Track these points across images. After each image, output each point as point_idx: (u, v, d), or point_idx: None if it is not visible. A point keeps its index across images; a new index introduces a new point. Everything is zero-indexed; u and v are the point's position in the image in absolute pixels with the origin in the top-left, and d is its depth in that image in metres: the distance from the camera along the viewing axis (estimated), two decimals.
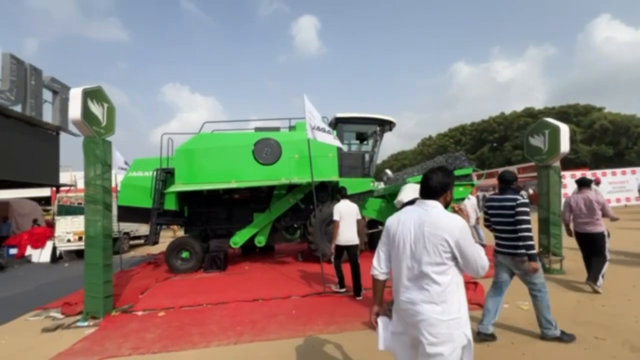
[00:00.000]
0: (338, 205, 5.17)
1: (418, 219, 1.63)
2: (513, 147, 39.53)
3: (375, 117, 8.13)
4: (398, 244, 1.67)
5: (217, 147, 7.41)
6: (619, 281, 4.93)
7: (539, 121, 5.72)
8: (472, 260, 1.54)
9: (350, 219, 5.08)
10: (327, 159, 7.66)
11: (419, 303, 1.55)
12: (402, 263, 1.65)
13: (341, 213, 5.04)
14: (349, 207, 5.15)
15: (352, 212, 5.14)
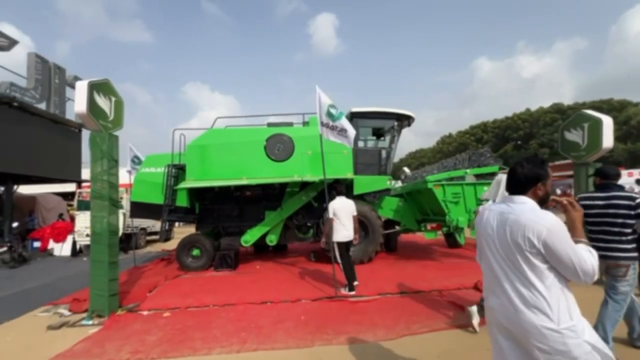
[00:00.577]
0: (333, 203, 5.11)
1: (500, 217, 1.51)
2: (539, 145, 37.71)
3: (393, 111, 7.71)
4: (482, 245, 1.61)
5: (228, 143, 7.24)
6: None
7: (576, 113, 5.15)
8: (567, 263, 1.34)
9: (346, 215, 5.04)
10: (342, 155, 7.32)
11: (519, 311, 1.40)
12: (491, 266, 1.55)
13: (335, 210, 5.00)
14: (344, 204, 5.11)
15: (348, 209, 5.12)
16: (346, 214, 5.07)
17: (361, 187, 7.42)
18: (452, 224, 6.55)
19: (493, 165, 6.82)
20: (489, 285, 1.60)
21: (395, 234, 8.35)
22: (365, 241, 7.17)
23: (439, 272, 6.06)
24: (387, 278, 5.82)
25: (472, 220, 6.62)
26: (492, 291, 1.55)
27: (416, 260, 7.28)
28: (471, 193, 6.64)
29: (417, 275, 5.91)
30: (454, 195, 6.60)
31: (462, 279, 5.45)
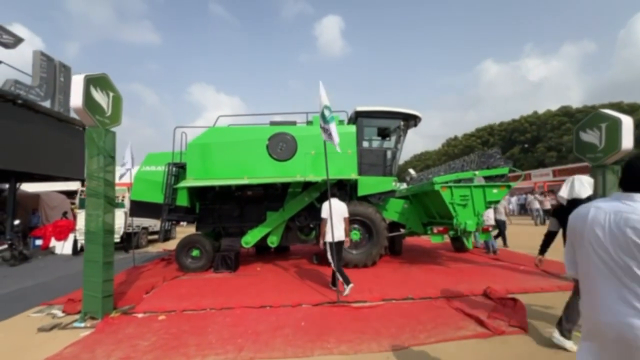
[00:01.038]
0: (325, 204, 5.17)
1: (616, 216, 1.29)
2: (547, 149, 37.16)
3: (399, 110, 7.50)
4: (587, 248, 1.37)
5: (229, 141, 7.08)
6: None
7: (593, 113, 4.90)
8: None
9: (338, 217, 5.13)
10: (346, 155, 7.12)
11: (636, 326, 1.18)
12: (596, 272, 1.33)
13: (327, 211, 5.08)
14: (336, 205, 5.19)
15: (340, 210, 5.23)
16: (338, 215, 5.14)
17: (365, 188, 7.22)
18: (459, 227, 6.31)
19: (503, 166, 6.58)
20: (594, 293, 1.36)
21: (400, 237, 8.12)
22: (369, 244, 6.97)
23: (446, 278, 5.82)
24: (392, 283, 5.60)
25: (481, 223, 6.38)
26: (599, 301, 1.33)
27: (422, 265, 7.04)
28: (480, 195, 6.40)
29: (423, 280, 5.68)
30: (462, 197, 6.36)
31: (471, 285, 5.21)
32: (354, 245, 6.99)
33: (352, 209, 6.88)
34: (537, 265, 3.74)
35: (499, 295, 4.59)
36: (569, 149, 33.45)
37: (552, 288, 5.00)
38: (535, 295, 4.82)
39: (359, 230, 7.02)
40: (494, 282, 5.35)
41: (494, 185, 6.39)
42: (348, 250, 6.87)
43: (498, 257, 7.31)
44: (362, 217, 6.92)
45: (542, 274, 5.90)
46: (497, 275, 5.85)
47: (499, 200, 6.46)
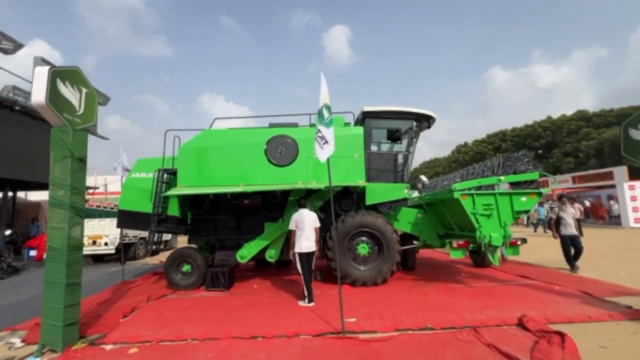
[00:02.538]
0: (294, 215, 5.29)
1: None
2: (563, 155, 35.74)
3: (411, 110, 6.79)
4: None
5: (224, 145, 6.46)
6: None
7: None
8: None
9: (308, 227, 5.18)
10: (352, 160, 6.43)
11: None
12: None
13: (297, 222, 5.17)
14: (305, 216, 5.23)
15: (311, 220, 5.25)
16: (308, 226, 5.18)
17: (374, 197, 6.48)
18: (483, 241, 5.50)
19: (532, 171, 5.78)
20: None
21: (413, 251, 7.31)
22: (379, 259, 6.20)
23: (470, 301, 5.00)
24: (406, 306, 4.80)
25: (508, 236, 5.56)
26: None
27: (439, 283, 6.22)
28: (506, 204, 5.59)
29: (442, 304, 4.87)
30: (486, 207, 5.57)
31: (501, 312, 4.39)
32: (361, 260, 6.23)
33: (359, 219, 6.16)
34: None
35: (539, 327, 3.76)
36: (587, 154, 32.08)
37: (601, 317, 4.13)
38: (582, 326, 3.97)
39: (367, 243, 6.26)
40: (528, 308, 4.52)
41: (522, 193, 5.58)
42: (355, 267, 6.12)
43: (527, 275, 6.43)
44: (371, 229, 6.17)
45: (582, 296, 5.03)
46: (530, 298, 5.00)
47: (528, 210, 5.63)
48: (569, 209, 7.00)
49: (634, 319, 4.09)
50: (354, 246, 6.27)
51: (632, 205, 17.22)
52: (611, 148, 28.18)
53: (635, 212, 17.01)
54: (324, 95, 4.28)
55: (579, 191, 23.86)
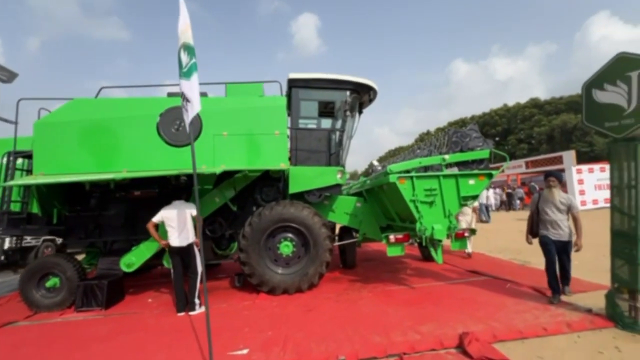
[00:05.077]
0: (163, 208, 4.52)
1: None
2: (518, 141, 37.09)
3: (346, 79, 5.61)
4: None
5: (100, 119, 4.90)
6: None
7: (616, 56, 3.19)
8: None
9: (179, 217, 4.44)
10: (272, 138, 5.16)
11: None
12: None
13: (164, 215, 4.45)
14: (178, 206, 4.54)
15: (182, 210, 4.48)
16: (179, 216, 4.44)
17: (300, 183, 5.28)
18: (424, 234, 4.50)
19: (482, 148, 4.85)
20: None
21: (352, 246, 6.26)
22: (305, 260, 5.04)
23: (406, 311, 4.00)
24: (324, 325, 3.68)
25: (454, 228, 4.61)
26: None
27: (377, 284, 5.21)
28: (451, 189, 4.62)
29: (371, 318, 3.82)
30: (428, 192, 4.56)
31: (440, 326, 3.41)
32: (284, 261, 5.05)
33: (279, 212, 4.94)
34: None
35: (481, 353, 2.79)
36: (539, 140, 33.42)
37: (559, 328, 3.27)
38: (537, 342, 3.07)
39: (291, 241, 5.07)
40: (474, 318, 3.60)
41: (470, 174, 4.64)
42: (274, 270, 4.92)
43: (476, 270, 5.61)
44: (294, 223, 4.97)
45: (535, 296, 4.23)
46: (478, 303, 4.09)
47: (477, 195, 4.72)
48: (556, 195, 3.97)
49: (596, 328, 3.27)
50: (274, 245, 5.06)
51: (579, 189, 17.66)
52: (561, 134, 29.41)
53: (581, 195, 17.45)
54: (184, 30, 2.92)
55: (531, 176, 24.57)
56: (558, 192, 4.00)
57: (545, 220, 4.02)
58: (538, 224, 4.12)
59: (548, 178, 4.11)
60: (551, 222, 3.97)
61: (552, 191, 3.99)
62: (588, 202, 17.29)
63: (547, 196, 4.02)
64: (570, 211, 3.93)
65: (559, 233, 3.94)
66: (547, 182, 4.08)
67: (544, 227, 4.05)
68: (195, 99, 2.92)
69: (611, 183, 3.40)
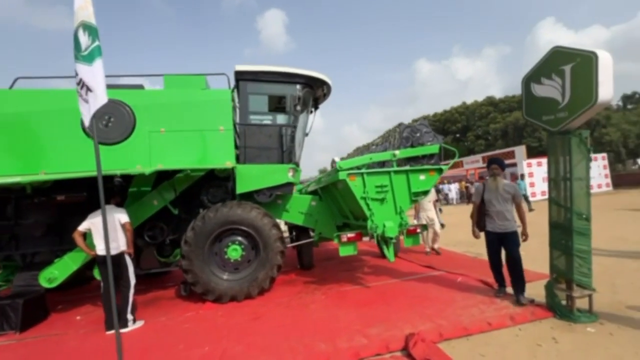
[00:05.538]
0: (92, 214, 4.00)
1: None
2: (476, 137, 39.00)
3: (298, 72, 5.34)
4: None
5: (11, 113, 4.26)
6: None
7: (551, 50, 3.22)
8: None
9: (112, 225, 3.83)
10: (216, 134, 4.79)
11: None
12: None
13: (92, 223, 3.94)
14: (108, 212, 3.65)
15: (112, 217, 3.90)
16: (109, 224, 3.58)
17: (248, 183, 4.96)
18: (375, 232, 4.39)
19: (433, 143, 4.83)
20: None
21: (309, 247, 6.04)
22: (255, 264, 4.74)
23: (357, 312, 3.85)
24: (269, 335, 3.43)
25: (405, 224, 4.54)
26: None
27: (333, 285, 5.03)
28: (402, 185, 4.55)
29: (320, 323, 3.63)
30: (379, 189, 4.44)
31: (388, 328, 3.29)
32: (233, 267, 4.72)
33: (224, 214, 4.60)
34: None
35: (425, 355, 2.68)
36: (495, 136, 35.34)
37: (503, 322, 3.27)
38: (481, 338, 3.04)
39: (240, 245, 4.75)
40: (423, 316, 3.52)
41: (420, 170, 4.59)
42: (219, 276, 4.58)
43: (431, 265, 5.63)
44: (242, 226, 4.66)
45: (483, 289, 4.26)
46: (428, 300, 4.04)
47: (427, 190, 4.68)
48: (500, 184, 3.83)
49: (536, 319, 3.31)
50: (221, 250, 4.70)
51: (529, 181, 18.84)
52: (514, 130, 31.28)
53: (532, 187, 18.62)
54: (82, 6, 2.50)
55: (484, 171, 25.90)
56: (502, 180, 3.86)
57: (491, 212, 3.85)
58: (484, 216, 3.94)
59: (491, 166, 3.90)
60: (497, 213, 3.80)
61: (496, 180, 3.83)
62: (537, 193, 18.50)
63: (491, 186, 3.86)
64: (514, 200, 3.81)
65: (504, 224, 3.78)
66: (491, 170, 3.89)
67: (490, 219, 3.89)
68: (100, 89, 2.52)
69: (549, 176, 3.46)
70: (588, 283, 3.22)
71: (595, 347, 2.71)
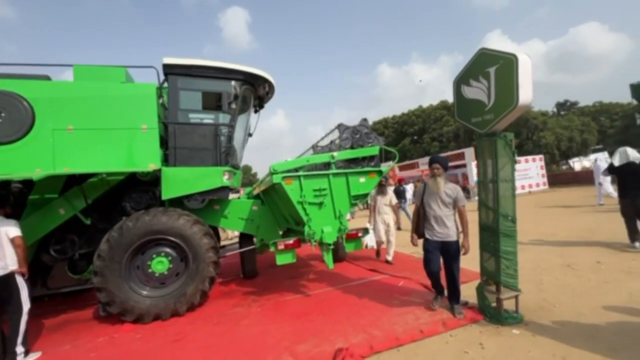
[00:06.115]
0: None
1: None
2: (431, 139, 40.85)
3: (236, 68, 4.97)
4: None
5: None
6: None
7: (478, 52, 3.21)
8: None
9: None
10: (138, 133, 4.27)
11: None
12: None
13: None
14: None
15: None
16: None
17: (176, 187, 4.49)
18: (313, 238, 4.16)
19: (373, 145, 4.72)
20: None
21: (251, 254, 5.68)
22: (182, 277, 4.29)
23: (291, 325, 3.59)
24: (191, 358, 3.04)
25: (344, 229, 4.37)
26: None
27: (272, 296, 4.73)
28: (342, 188, 4.37)
29: (251, 339, 3.32)
30: (317, 192, 4.22)
31: (319, 344, 3.07)
32: (157, 281, 4.23)
33: (146, 223, 4.10)
34: None
35: None
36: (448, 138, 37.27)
37: (435, 328, 3.18)
38: (412, 348, 2.92)
39: (166, 256, 4.27)
40: (357, 327, 3.35)
41: (361, 172, 4.45)
42: (140, 293, 4.07)
43: (376, 268, 5.55)
44: (168, 235, 4.18)
45: (423, 293, 4.21)
46: (366, 308, 3.89)
47: (367, 193, 4.56)
48: (441, 185, 3.49)
49: (467, 324, 3.28)
50: (144, 263, 4.19)
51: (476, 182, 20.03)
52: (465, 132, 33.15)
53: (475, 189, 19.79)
54: None
55: None
56: (444, 182, 3.47)
57: (430, 216, 3.49)
58: (424, 221, 3.58)
59: (432, 165, 3.55)
60: (436, 218, 3.44)
61: (437, 181, 3.44)
62: None
63: (432, 187, 3.49)
64: (456, 204, 3.45)
65: (444, 232, 3.41)
66: (432, 170, 3.53)
67: (428, 225, 3.53)
68: None
69: (478, 178, 3.46)
70: (514, 284, 3.25)
71: (517, 351, 2.69)
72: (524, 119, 30.40)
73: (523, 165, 21.05)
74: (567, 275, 4.43)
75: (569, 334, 2.88)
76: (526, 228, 7.86)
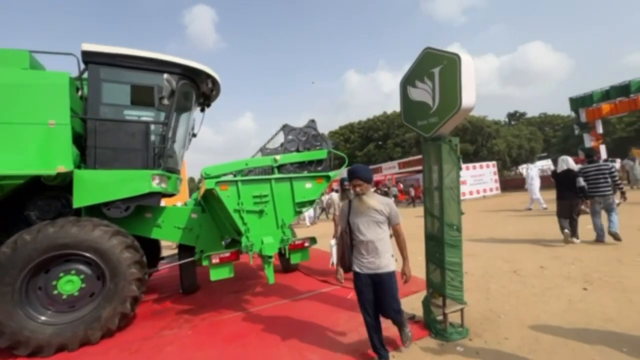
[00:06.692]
0: None
1: None
2: (394, 145, 41.95)
3: (170, 60, 4.45)
4: None
5: None
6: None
7: (423, 52, 3.03)
8: None
9: None
10: (45, 130, 3.61)
11: None
12: None
13: None
14: None
15: None
16: None
17: (91, 193, 3.86)
18: (251, 250, 3.76)
19: (320, 148, 4.42)
20: None
21: (189, 267, 5.12)
22: (98, 298, 3.67)
23: (221, 352, 3.15)
24: None
25: (287, 239, 4.01)
26: None
27: (209, 314, 4.23)
28: (286, 195, 4.02)
29: None
30: (257, 199, 3.83)
31: None
32: (65, 305, 3.58)
33: (49, 236, 3.45)
34: None
35: None
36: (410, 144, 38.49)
37: None
38: None
39: (78, 274, 3.63)
40: (294, 351, 3.00)
41: (307, 177, 4.13)
42: (39, 320, 3.41)
43: (328, 280, 5.24)
44: (78, 250, 3.56)
45: None
46: (310, 327, 3.55)
47: (314, 200, 4.25)
48: (369, 202, 2.65)
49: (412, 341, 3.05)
50: (48, 283, 3.52)
51: None
52: None
53: None
54: None
55: (404, 176, 27.92)
56: (371, 197, 2.65)
57: (358, 242, 2.65)
58: (351, 248, 2.71)
59: (352, 181, 2.65)
60: (365, 243, 2.60)
61: (363, 200, 2.62)
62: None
63: (358, 207, 2.66)
64: (390, 222, 2.67)
65: (375, 262, 2.58)
66: (353, 188, 2.67)
67: (357, 252, 2.67)
68: None
69: (423, 184, 3.28)
70: (460, 297, 3.08)
71: None
72: (479, 127, 32.30)
73: (478, 171, 22.15)
74: (512, 281, 4.42)
75: (512, 348, 2.75)
76: (480, 232, 8.04)
